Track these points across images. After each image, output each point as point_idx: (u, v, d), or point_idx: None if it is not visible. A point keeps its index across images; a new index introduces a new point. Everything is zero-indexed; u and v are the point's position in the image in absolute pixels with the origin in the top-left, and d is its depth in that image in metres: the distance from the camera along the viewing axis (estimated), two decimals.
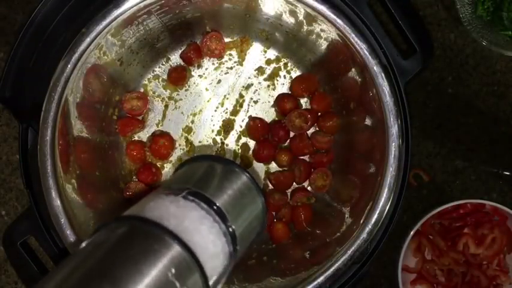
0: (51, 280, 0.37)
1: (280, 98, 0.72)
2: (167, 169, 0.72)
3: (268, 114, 0.73)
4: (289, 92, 0.73)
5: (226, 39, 0.72)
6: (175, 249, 0.40)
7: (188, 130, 0.72)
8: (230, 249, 0.46)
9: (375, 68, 0.60)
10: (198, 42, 0.72)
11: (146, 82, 0.72)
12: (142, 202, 0.46)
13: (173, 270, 0.39)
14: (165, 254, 0.40)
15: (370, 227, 0.60)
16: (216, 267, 0.44)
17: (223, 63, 0.73)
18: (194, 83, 0.73)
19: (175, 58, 0.73)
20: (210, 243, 0.44)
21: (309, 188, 0.72)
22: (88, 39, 0.58)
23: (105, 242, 0.40)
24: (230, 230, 0.47)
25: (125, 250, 0.39)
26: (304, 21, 0.64)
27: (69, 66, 0.58)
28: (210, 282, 0.43)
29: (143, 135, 0.73)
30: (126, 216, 0.44)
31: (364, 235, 0.60)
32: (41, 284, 0.37)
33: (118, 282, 0.36)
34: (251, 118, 0.72)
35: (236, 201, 0.50)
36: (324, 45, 0.67)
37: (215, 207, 0.47)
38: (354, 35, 0.60)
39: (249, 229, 0.51)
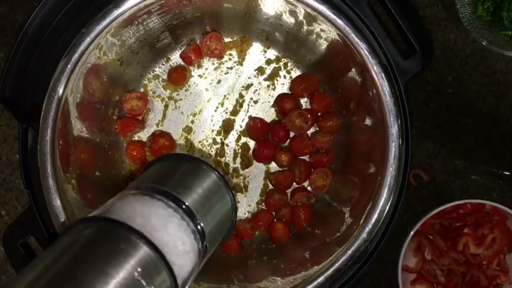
0: (19, 283, 0.37)
1: (280, 98, 0.72)
2: None
3: (268, 114, 0.73)
4: (289, 92, 0.73)
5: (226, 39, 0.72)
6: (143, 249, 0.40)
7: (188, 130, 0.72)
8: (199, 246, 0.46)
9: (375, 68, 0.60)
10: (198, 42, 0.72)
11: (146, 82, 0.72)
12: (110, 202, 0.46)
13: (139, 270, 0.39)
14: (132, 254, 0.40)
15: (370, 227, 0.60)
16: (184, 265, 0.44)
17: (223, 63, 0.73)
18: (194, 83, 0.73)
19: (175, 58, 0.73)
20: (178, 241, 0.44)
21: (309, 188, 0.72)
22: (88, 39, 0.58)
23: (72, 244, 0.40)
24: (199, 227, 0.47)
25: (91, 252, 0.39)
26: (304, 21, 0.64)
27: (69, 66, 0.58)
28: (179, 281, 0.43)
29: (143, 135, 0.73)
30: (93, 217, 0.43)
31: (364, 235, 0.60)
32: (9, 285, 0.37)
33: (85, 285, 0.36)
34: (251, 118, 0.72)
35: (205, 199, 0.50)
36: (324, 45, 0.67)
37: (183, 206, 0.47)
38: (354, 35, 0.60)
39: (218, 226, 0.52)
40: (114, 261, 0.38)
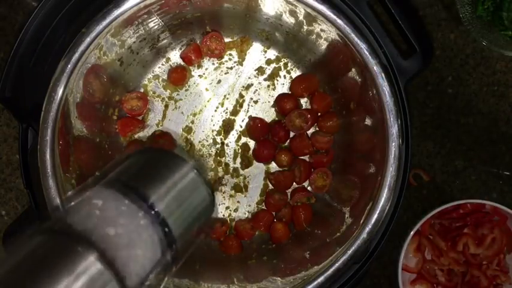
0: None
1: (280, 98, 0.72)
2: None
3: (268, 114, 0.73)
4: (289, 92, 0.73)
5: (226, 39, 0.72)
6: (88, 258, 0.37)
7: (188, 130, 0.72)
8: (161, 235, 0.43)
9: (375, 68, 0.60)
10: (198, 42, 0.72)
11: (146, 82, 0.72)
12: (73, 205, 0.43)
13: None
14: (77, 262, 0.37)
15: (370, 227, 0.60)
16: (133, 258, 0.41)
17: (223, 63, 0.73)
18: (194, 83, 0.73)
19: (175, 58, 0.73)
20: (134, 232, 0.41)
21: (309, 188, 0.72)
22: (88, 39, 0.58)
23: (17, 253, 0.37)
24: (166, 229, 0.43)
25: (39, 261, 0.36)
26: (304, 21, 0.64)
27: (69, 66, 0.58)
28: (130, 276, 0.40)
29: (143, 135, 0.73)
30: (44, 227, 0.40)
31: (364, 235, 0.60)
32: None
33: None
34: (251, 118, 0.72)
35: (175, 195, 0.46)
36: (324, 45, 0.67)
37: (148, 205, 0.43)
38: (354, 35, 0.60)
39: (192, 222, 0.48)
40: (56, 274, 0.36)
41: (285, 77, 0.73)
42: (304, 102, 0.73)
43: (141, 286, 0.41)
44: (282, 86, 0.73)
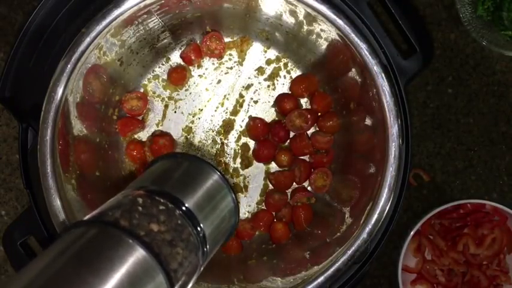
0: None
1: (280, 98, 0.72)
2: None
3: (268, 114, 0.73)
4: (289, 92, 0.73)
5: (226, 39, 0.72)
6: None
7: (188, 130, 0.72)
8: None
9: (375, 68, 0.60)
10: (198, 42, 0.72)
11: (146, 82, 0.72)
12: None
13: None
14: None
15: (370, 227, 0.60)
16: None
17: (223, 63, 0.73)
18: (194, 83, 0.73)
19: (175, 58, 0.73)
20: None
21: (309, 188, 0.72)
22: (88, 39, 0.58)
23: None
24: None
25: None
26: (304, 21, 0.64)
27: (69, 66, 0.58)
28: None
29: (143, 135, 0.72)
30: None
31: (364, 235, 0.60)
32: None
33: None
34: (251, 118, 0.72)
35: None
36: (324, 45, 0.67)
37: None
38: (354, 35, 0.60)
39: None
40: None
41: (285, 77, 0.73)
42: (304, 102, 0.73)
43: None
44: (282, 86, 0.73)
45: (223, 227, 0.52)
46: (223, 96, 0.73)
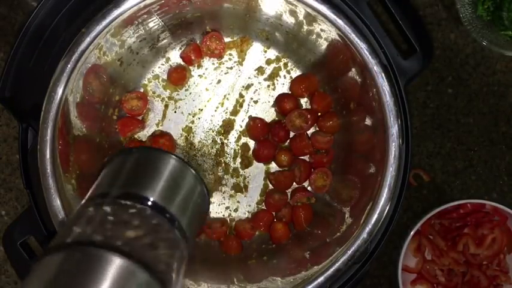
0: None
1: (280, 98, 0.72)
2: None
3: (268, 114, 0.73)
4: (289, 92, 0.73)
5: (226, 39, 0.72)
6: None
7: (188, 130, 0.72)
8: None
9: (375, 68, 0.60)
10: (198, 42, 0.72)
11: (146, 82, 0.72)
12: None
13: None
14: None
15: (370, 227, 0.60)
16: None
17: (223, 63, 0.73)
18: (194, 83, 0.73)
19: (175, 58, 0.73)
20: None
21: (309, 188, 0.72)
22: (88, 39, 0.58)
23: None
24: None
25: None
26: (304, 21, 0.64)
27: (69, 66, 0.58)
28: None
29: (143, 135, 0.72)
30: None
31: (364, 235, 0.60)
32: None
33: None
34: (251, 118, 0.72)
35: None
36: (324, 45, 0.67)
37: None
38: (354, 35, 0.60)
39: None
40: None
41: (285, 77, 0.73)
42: (304, 102, 0.73)
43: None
44: (282, 86, 0.73)
45: (197, 210, 0.49)
46: (223, 96, 0.73)
